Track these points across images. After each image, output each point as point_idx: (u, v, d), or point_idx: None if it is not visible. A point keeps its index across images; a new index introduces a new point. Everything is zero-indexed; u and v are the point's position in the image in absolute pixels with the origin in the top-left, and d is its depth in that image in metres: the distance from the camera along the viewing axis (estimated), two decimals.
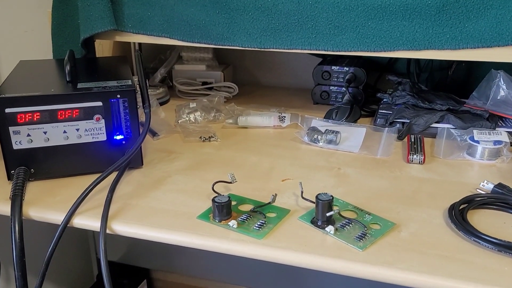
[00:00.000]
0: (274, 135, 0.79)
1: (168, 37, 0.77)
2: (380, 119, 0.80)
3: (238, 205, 0.56)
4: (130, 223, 0.53)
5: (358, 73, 0.90)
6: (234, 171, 0.63)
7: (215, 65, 1.03)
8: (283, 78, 1.07)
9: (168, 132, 0.78)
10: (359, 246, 0.47)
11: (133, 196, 0.58)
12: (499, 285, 0.42)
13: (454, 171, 0.65)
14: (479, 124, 0.73)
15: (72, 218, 0.53)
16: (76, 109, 0.59)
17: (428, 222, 0.52)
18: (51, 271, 1.00)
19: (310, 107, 0.94)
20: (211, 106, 0.87)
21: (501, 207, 0.54)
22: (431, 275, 0.43)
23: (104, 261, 0.50)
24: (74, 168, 0.62)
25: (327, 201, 0.50)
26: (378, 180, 0.62)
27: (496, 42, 0.63)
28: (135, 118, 0.62)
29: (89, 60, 0.79)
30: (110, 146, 0.62)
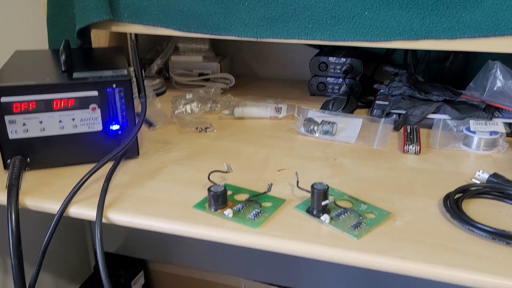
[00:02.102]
0: (270, 126, 0.79)
1: (164, 27, 0.76)
2: (377, 110, 0.80)
3: (234, 195, 0.56)
4: (126, 212, 0.53)
5: (355, 64, 0.89)
6: (230, 161, 0.63)
7: (211, 56, 1.02)
8: (280, 69, 1.07)
9: (164, 123, 0.78)
10: (354, 235, 0.47)
11: (129, 186, 0.58)
12: (492, 272, 0.42)
13: (450, 161, 0.65)
14: (476, 114, 0.73)
15: (68, 207, 0.53)
16: (72, 99, 0.59)
17: (423, 212, 0.52)
18: (48, 262, 1.01)
19: (307, 98, 0.94)
20: (208, 97, 0.87)
21: (496, 196, 0.55)
22: (425, 263, 0.44)
23: (99, 249, 0.50)
24: (70, 158, 0.62)
25: (323, 190, 0.50)
26: (374, 170, 0.62)
27: (493, 32, 0.63)
28: (131, 108, 0.62)
29: (85, 50, 0.79)
30: (106, 136, 0.62)
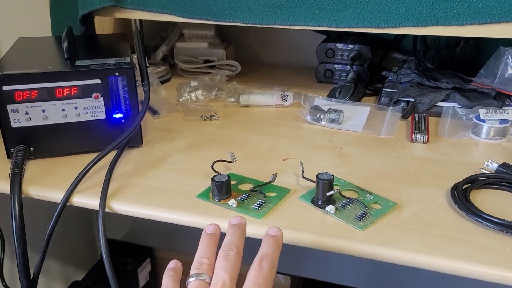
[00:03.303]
0: (276, 114, 0.78)
1: (168, 13, 0.75)
2: (385, 98, 0.78)
3: (238, 184, 0.55)
4: (129, 201, 0.53)
5: (363, 50, 0.88)
6: (235, 150, 0.62)
7: (217, 42, 1.01)
8: (286, 56, 1.05)
9: (168, 111, 0.78)
10: (359, 226, 0.47)
11: (133, 175, 0.58)
12: (500, 265, 0.41)
13: (459, 150, 0.64)
14: (486, 102, 0.72)
15: (71, 197, 0.53)
16: (75, 87, 0.59)
17: (430, 202, 0.51)
18: (56, 249, 1.02)
19: (314, 85, 0.92)
20: (213, 85, 0.86)
21: (505, 187, 0.54)
22: (431, 255, 0.43)
23: (103, 239, 0.50)
24: (73, 147, 0.62)
25: (328, 181, 0.49)
26: (380, 159, 0.61)
27: (505, 18, 0.61)
28: (134, 96, 0.61)
29: (88, 38, 0.78)
30: (109, 125, 0.62)
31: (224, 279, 0.36)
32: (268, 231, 0.42)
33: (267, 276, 0.37)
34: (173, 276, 0.40)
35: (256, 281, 0.36)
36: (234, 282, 0.37)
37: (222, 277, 0.37)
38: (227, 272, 0.37)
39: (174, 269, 0.41)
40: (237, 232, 0.41)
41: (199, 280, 0.37)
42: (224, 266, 0.37)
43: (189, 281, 0.38)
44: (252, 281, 0.36)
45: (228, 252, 0.39)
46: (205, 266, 0.38)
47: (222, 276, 0.37)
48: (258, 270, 0.37)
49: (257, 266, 0.37)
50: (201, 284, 0.37)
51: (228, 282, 0.36)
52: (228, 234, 0.41)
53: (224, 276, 0.37)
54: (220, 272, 0.37)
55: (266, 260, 0.38)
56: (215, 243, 0.41)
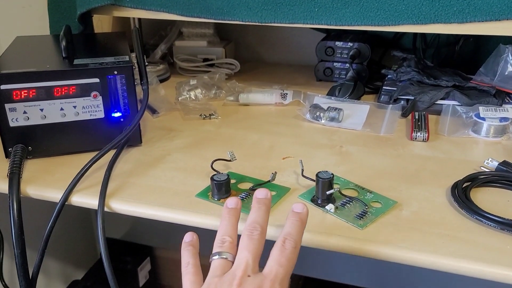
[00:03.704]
0: (275, 113, 0.78)
1: (166, 11, 0.75)
2: (384, 96, 0.78)
3: (237, 183, 0.55)
4: (128, 201, 0.52)
5: (362, 48, 0.87)
6: (235, 149, 0.62)
7: (216, 41, 1.01)
8: (286, 54, 1.05)
9: (168, 109, 0.77)
10: (359, 225, 0.46)
11: (132, 174, 0.58)
12: (500, 264, 0.41)
13: (459, 148, 0.64)
14: (486, 100, 0.72)
15: (70, 196, 0.53)
16: (73, 86, 0.58)
17: (431, 201, 0.51)
18: (55, 248, 1.02)
19: (313, 84, 0.92)
20: (212, 83, 0.85)
21: (505, 185, 0.53)
22: (432, 254, 0.43)
23: (102, 238, 0.50)
24: (72, 146, 0.61)
25: (328, 179, 0.49)
26: (380, 158, 0.61)
27: (505, 15, 0.61)
28: (133, 95, 0.61)
29: (86, 36, 0.78)
30: (108, 124, 0.61)
31: (247, 259, 0.36)
32: (293, 208, 0.41)
33: (290, 257, 0.37)
34: (191, 251, 0.40)
35: (279, 262, 0.36)
36: (257, 262, 0.37)
37: (246, 257, 0.37)
38: (251, 252, 0.37)
39: (191, 242, 0.41)
40: (262, 209, 0.41)
41: (222, 259, 0.38)
42: (248, 246, 0.37)
43: (212, 259, 0.38)
44: (275, 261, 0.36)
45: (252, 232, 0.38)
46: (227, 244, 0.39)
47: (245, 256, 0.37)
48: (281, 250, 0.37)
49: (280, 246, 0.37)
50: (224, 262, 0.37)
51: (251, 262, 0.36)
52: (253, 210, 0.41)
53: (247, 256, 0.37)
54: (244, 252, 0.37)
55: (289, 240, 0.38)
56: (237, 218, 0.41)
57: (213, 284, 0.36)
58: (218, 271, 0.37)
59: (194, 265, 0.40)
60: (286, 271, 0.36)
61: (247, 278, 0.35)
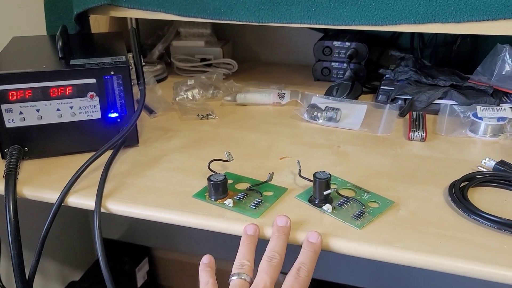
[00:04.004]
0: (273, 113, 0.78)
1: (164, 11, 0.75)
2: (382, 96, 0.78)
3: (234, 184, 0.55)
4: (125, 201, 0.52)
5: (360, 48, 0.87)
6: (232, 149, 0.62)
7: (214, 41, 1.00)
8: (283, 54, 1.05)
9: (165, 110, 0.77)
10: (356, 225, 0.46)
11: (129, 175, 0.57)
12: (497, 263, 0.41)
13: (456, 148, 0.64)
14: (483, 100, 0.72)
15: (66, 197, 0.53)
16: (69, 86, 0.58)
17: (428, 200, 0.51)
18: (53, 249, 1.02)
19: (311, 83, 0.92)
20: (210, 83, 0.85)
21: (503, 184, 0.53)
22: (429, 254, 0.43)
23: (98, 239, 0.50)
24: (68, 147, 0.61)
25: (325, 180, 0.49)
26: (378, 158, 0.61)
27: (502, 15, 0.61)
28: (130, 95, 0.61)
29: (83, 36, 0.77)
30: (105, 124, 0.61)
31: (265, 281, 0.40)
32: (309, 237, 0.45)
33: (303, 284, 0.41)
34: (210, 272, 0.44)
35: (293, 287, 0.40)
36: (273, 285, 0.41)
37: (264, 280, 0.40)
38: (269, 275, 0.41)
39: (209, 264, 0.45)
40: (281, 238, 0.45)
41: (240, 279, 0.41)
42: (267, 270, 0.41)
43: (232, 279, 0.42)
44: (289, 287, 0.40)
45: (271, 259, 0.42)
46: (246, 267, 0.42)
47: (264, 278, 0.41)
48: (295, 277, 0.41)
49: (295, 273, 0.41)
50: (243, 283, 0.41)
51: (269, 284, 0.40)
52: (273, 238, 0.45)
53: (265, 279, 0.41)
54: (263, 275, 0.41)
55: (303, 269, 0.42)
56: (254, 245, 0.45)
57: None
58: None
59: (213, 284, 0.43)
60: None
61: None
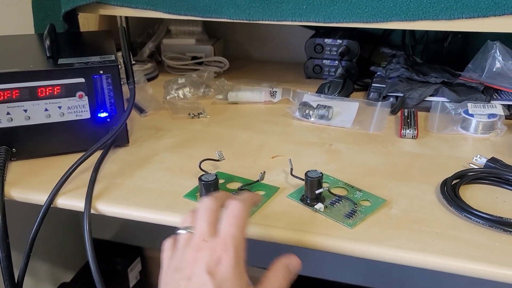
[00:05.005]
0: (265, 111, 0.77)
1: (153, 9, 0.74)
2: (374, 93, 0.78)
3: (226, 183, 0.54)
4: (115, 202, 0.52)
5: (351, 46, 0.87)
6: (224, 148, 0.61)
7: (205, 39, 1.00)
8: (275, 52, 1.04)
9: (156, 108, 0.76)
10: (348, 224, 0.46)
11: (119, 175, 0.57)
12: (489, 261, 0.41)
13: (448, 145, 0.64)
14: (474, 97, 0.72)
15: (55, 199, 0.52)
16: (57, 86, 0.57)
17: (420, 198, 0.51)
18: (44, 250, 1.00)
19: (303, 81, 0.92)
20: (201, 82, 0.84)
21: (494, 181, 0.53)
22: (421, 252, 0.43)
23: (88, 241, 0.49)
24: (57, 147, 0.60)
25: (316, 178, 0.49)
26: (370, 155, 0.61)
27: (492, 12, 0.61)
28: (120, 95, 0.60)
29: (72, 35, 0.76)
30: (94, 124, 0.60)
31: (202, 227, 0.40)
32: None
33: (237, 214, 0.40)
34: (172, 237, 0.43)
35: (228, 222, 0.40)
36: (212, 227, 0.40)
37: (200, 226, 0.40)
38: (205, 220, 0.40)
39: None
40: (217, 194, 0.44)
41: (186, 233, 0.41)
42: (202, 216, 0.41)
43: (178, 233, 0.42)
44: (224, 223, 0.40)
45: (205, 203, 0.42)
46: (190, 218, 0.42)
47: (200, 225, 0.40)
48: (227, 213, 0.40)
49: (226, 210, 0.41)
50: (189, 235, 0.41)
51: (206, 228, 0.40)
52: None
53: (201, 225, 0.40)
54: (198, 222, 0.41)
55: (232, 202, 0.41)
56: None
57: (179, 257, 0.40)
58: (184, 242, 0.41)
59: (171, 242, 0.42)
60: (237, 227, 0.39)
61: (204, 242, 0.39)
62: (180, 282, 0.37)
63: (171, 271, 0.39)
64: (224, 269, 0.37)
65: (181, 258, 0.39)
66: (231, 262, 0.37)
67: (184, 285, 0.37)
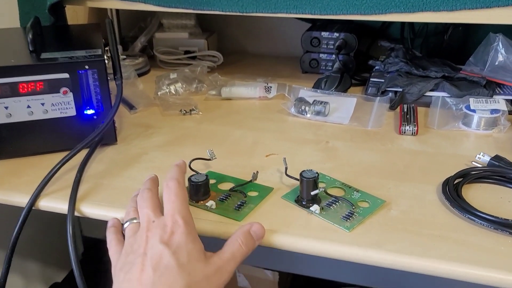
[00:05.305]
0: (259, 107, 0.75)
1: (142, 1, 0.71)
2: (372, 88, 0.75)
3: (217, 184, 0.52)
4: (101, 204, 0.49)
5: (349, 39, 0.84)
6: (216, 146, 0.59)
7: (198, 32, 0.97)
8: (271, 45, 1.02)
9: (146, 105, 0.74)
10: (345, 227, 0.44)
11: (105, 175, 0.54)
12: (494, 266, 0.39)
13: (449, 142, 0.61)
14: (476, 91, 0.69)
15: (37, 201, 0.50)
16: (40, 82, 0.54)
17: (421, 199, 0.49)
18: (35, 250, 0.98)
19: (299, 76, 0.89)
20: (193, 77, 0.82)
21: (498, 180, 0.51)
22: (422, 257, 0.40)
23: (72, 246, 0.47)
24: (41, 146, 0.58)
25: (312, 179, 0.46)
26: (368, 153, 0.59)
27: (496, 2, 0.58)
28: (106, 91, 0.58)
29: (58, 28, 0.73)
30: (80, 122, 0.58)
31: (146, 212, 0.42)
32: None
33: (177, 191, 0.43)
34: (113, 230, 0.45)
35: (170, 199, 0.42)
36: (157, 211, 0.43)
37: (145, 212, 0.42)
38: (147, 207, 0.43)
39: (113, 224, 0.46)
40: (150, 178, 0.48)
41: (132, 224, 0.43)
42: (143, 205, 0.43)
43: (124, 227, 0.44)
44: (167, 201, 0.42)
45: (142, 193, 0.45)
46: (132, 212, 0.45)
47: (144, 212, 0.43)
48: (167, 191, 0.43)
49: (165, 187, 0.43)
50: (135, 225, 0.43)
51: (151, 212, 0.42)
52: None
53: (145, 211, 0.42)
54: (142, 210, 0.43)
55: (170, 180, 0.44)
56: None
57: (129, 244, 0.41)
58: (131, 232, 0.42)
59: (116, 239, 0.44)
60: (180, 202, 0.42)
61: (152, 223, 0.41)
62: (136, 261, 0.38)
63: (123, 258, 0.40)
64: (178, 237, 0.39)
65: (131, 245, 0.41)
66: (183, 230, 0.39)
67: (140, 262, 0.38)
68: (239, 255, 0.41)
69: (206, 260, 0.39)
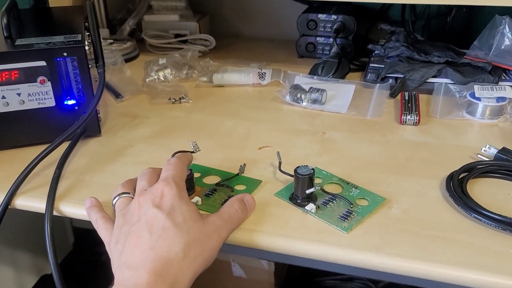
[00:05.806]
0: (253, 95, 0.71)
1: None
2: (371, 74, 0.72)
3: (202, 177, 0.49)
4: (82, 203, 0.46)
5: (347, 21, 0.80)
6: (206, 137, 0.55)
7: (189, 14, 0.92)
8: (265, 28, 0.97)
9: (133, 93, 0.70)
10: (343, 228, 0.41)
11: (87, 171, 0.51)
12: (503, 272, 0.36)
13: (453, 133, 0.58)
14: (481, 78, 0.66)
15: (13, 199, 0.46)
16: (15, 70, 0.51)
17: (423, 195, 0.46)
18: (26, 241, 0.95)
19: (295, 61, 0.85)
20: (184, 62, 0.78)
21: (505, 175, 0.48)
22: (426, 262, 0.37)
23: (50, 248, 0.44)
24: (19, 139, 0.54)
25: (308, 176, 0.43)
26: (367, 145, 0.55)
27: None
28: (88, 80, 0.54)
29: (38, 12, 0.69)
30: (60, 113, 0.54)
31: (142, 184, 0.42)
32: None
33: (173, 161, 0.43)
34: (96, 209, 0.43)
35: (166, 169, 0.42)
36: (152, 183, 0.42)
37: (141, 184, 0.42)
38: (146, 180, 0.42)
39: (93, 204, 0.44)
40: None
41: (122, 198, 0.42)
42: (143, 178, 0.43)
43: (114, 202, 0.43)
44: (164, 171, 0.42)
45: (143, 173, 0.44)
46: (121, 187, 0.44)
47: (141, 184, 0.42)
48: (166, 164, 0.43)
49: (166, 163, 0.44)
50: (126, 199, 0.42)
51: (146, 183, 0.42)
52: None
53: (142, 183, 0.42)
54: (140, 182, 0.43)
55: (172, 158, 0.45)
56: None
57: (121, 215, 0.40)
58: (122, 205, 0.41)
59: (102, 217, 0.42)
60: (174, 171, 0.42)
61: (144, 191, 0.40)
62: (132, 229, 0.37)
63: (117, 232, 0.39)
64: (169, 199, 0.38)
65: (124, 215, 0.39)
66: (174, 192, 0.39)
67: (136, 229, 0.37)
68: (236, 218, 0.41)
69: (203, 220, 0.39)
